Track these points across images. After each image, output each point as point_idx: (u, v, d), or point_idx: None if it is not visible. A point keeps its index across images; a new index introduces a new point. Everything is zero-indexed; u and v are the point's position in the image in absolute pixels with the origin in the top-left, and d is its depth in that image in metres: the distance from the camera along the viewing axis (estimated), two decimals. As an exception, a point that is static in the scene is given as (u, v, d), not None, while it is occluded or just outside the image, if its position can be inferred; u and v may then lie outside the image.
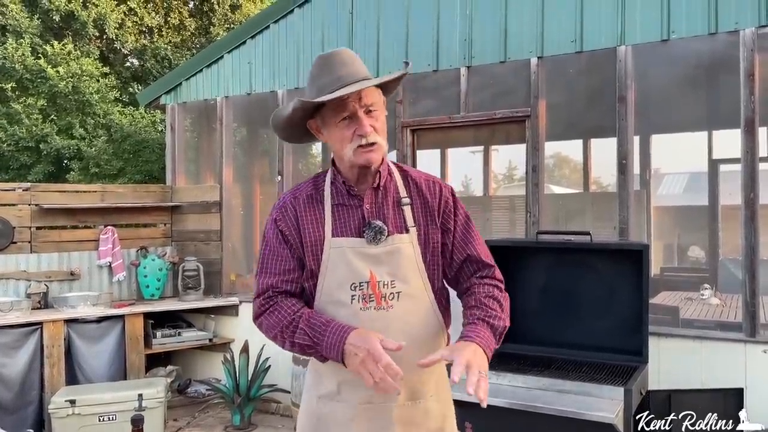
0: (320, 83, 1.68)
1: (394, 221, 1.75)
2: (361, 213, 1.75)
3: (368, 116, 1.68)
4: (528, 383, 3.06)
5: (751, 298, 3.73)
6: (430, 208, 1.79)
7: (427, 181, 1.83)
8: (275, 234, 1.79)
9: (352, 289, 1.70)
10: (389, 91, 1.83)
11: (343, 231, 1.74)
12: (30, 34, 8.86)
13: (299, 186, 1.86)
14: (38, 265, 5.33)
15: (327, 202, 1.77)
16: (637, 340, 3.31)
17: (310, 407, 1.84)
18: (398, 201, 1.78)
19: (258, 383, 5.04)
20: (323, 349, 1.65)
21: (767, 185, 7.05)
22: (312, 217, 1.76)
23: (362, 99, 1.67)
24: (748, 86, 3.78)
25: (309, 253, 1.74)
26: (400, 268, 1.73)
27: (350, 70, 1.68)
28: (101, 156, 8.29)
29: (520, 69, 4.55)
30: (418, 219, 1.78)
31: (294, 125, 1.77)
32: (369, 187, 1.76)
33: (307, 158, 8.83)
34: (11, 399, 4.62)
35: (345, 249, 1.72)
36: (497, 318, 1.74)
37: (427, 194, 1.80)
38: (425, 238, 1.77)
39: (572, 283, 3.60)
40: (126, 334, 5.10)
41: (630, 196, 4.17)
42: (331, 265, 1.72)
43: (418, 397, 1.76)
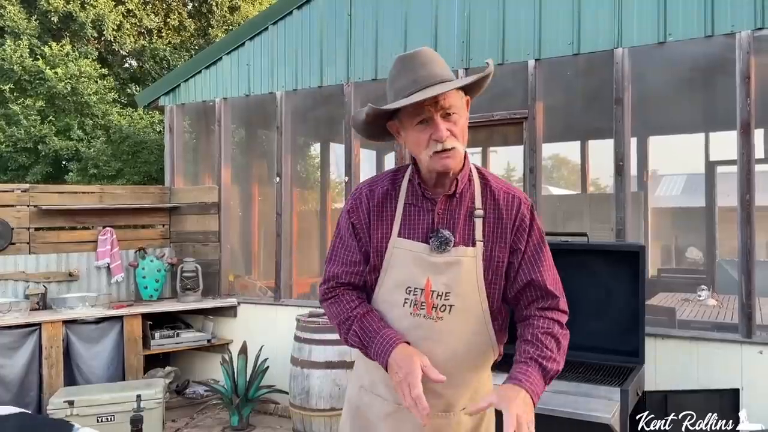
0: (397, 86, 1.64)
1: (463, 232, 1.70)
2: (432, 218, 1.71)
3: (445, 120, 1.62)
4: (525, 384, 3.07)
5: (747, 299, 3.75)
6: (504, 224, 1.71)
7: (506, 194, 1.74)
8: (347, 225, 1.78)
9: (407, 292, 1.69)
10: (475, 91, 1.76)
11: (410, 233, 1.71)
12: (28, 36, 8.87)
13: (377, 179, 1.82)
14: (37, 266, 5.34)
15: (401, 200, 1.74)
16: (634, 340, 3.34)
17: (353, 394, 1.87)
18: (471, 212, 1.71)
19: (256, 384, 5.05)
20: (371, 354, 1.66)
21: (764, 187, 7.09)
22: (383, 214, 1.74)
23: (439, 102, 1.60)
24: (744, 89, 3.80)
25: (374, 249, 1.73)
26: (457, 281, 1.68)
27: (428, 72, 1.62)
28: (100, 157, 8.29)
29: (518, 71, 4.57)
30: (488, 234, 1.71)
31: (374, 126, 1.75)
32: (444, 192, 1.71)
33: (306, 159, 8.85)
34: (10, 400, 4.61)
35: (407, 252, 1.70)
36: (551, 360, 1.65)
37: (503, 209, 1.72)
38: (490, 255, 1.70)
39: (569, 284, 3.58)
40: (124, 335, 5.11)
41: (627, 197, 4.19)
42: (392, 264, 1.71)
43: (451, 409, 1.75)
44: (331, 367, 4.52)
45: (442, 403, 1.73)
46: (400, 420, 1.73)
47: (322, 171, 8.07)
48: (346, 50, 5.29)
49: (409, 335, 1.69)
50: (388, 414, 1.75)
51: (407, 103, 1.58)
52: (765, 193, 7.78)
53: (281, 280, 5.59)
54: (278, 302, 5.56)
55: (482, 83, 1.72)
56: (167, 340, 5.43)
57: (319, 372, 4.53)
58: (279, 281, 5.60)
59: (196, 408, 5.47)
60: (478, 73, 1.67)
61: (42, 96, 8.70)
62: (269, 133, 6.57)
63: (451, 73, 1.67)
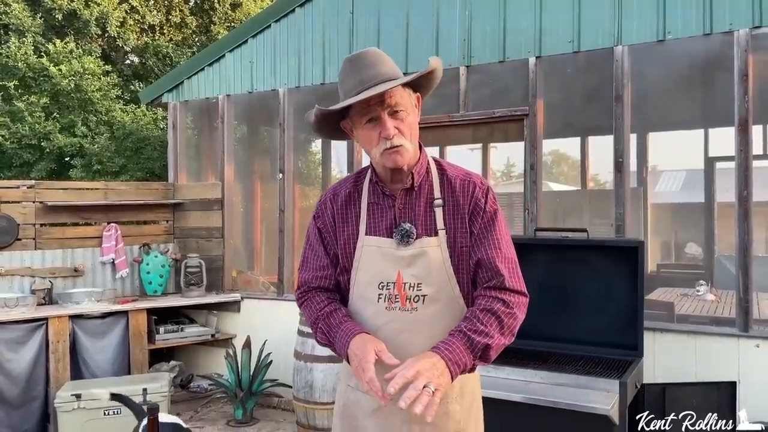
0: (346, 86, 1.70)
1: (424, 223, 1.74)
2: (393, 213, 1.76)
3: (393, 118, 1.67)
4: (526, 376, 3.13)
5: (744, 293, 3.81)
6: (461, 209, 1.75)
7: (462, 181, 1.78)
8: (315, 231, 1.85)
9: (379, 288, 1.74)
10: (424, 89, 1.79)
11: (376, 230, 1.76)
12: (32, 33, 8.93)
13: (340, 183, 1.89)
14: (42, 261, 5.40)
15: (364, 200, 1.80)
16: (633, 335, 3.40)
17: (342, 393, 1.92)
18: (431, 202, 1.75)
19: (260, 378, 5.12)
20: (336, 349, 1.72)
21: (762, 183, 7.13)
22: (348, 216, 1.80)
23: (386, 101, 1.65)
24: (742, 86, 3.85)
25: (342, 251, 1.79)
26: (427, 271, 1.71)
27: (374, 71, 1.66)
28: (103, 153, 8.35)
29: (519, 68, 4.61)
30: (448, 221, 1.74)
31: (328, 127, 1.80)
32: (402, 187, 1.76)
33: (307, 156, 8.90)
34: (17, 394, 4.68)
35: (375, 248, 1.75)
36: (481, 333, 1.60)
37: (459, 195, 1.75)
38: (454, 241, 1.73)
39: (569, 279, 3.68)
40: (130, 329, 5.17)
41: (626, 193, 4.25)
42: (363, 262, 1.76)
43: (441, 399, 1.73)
44: (333, 361, 4.58)
45: None
46: (387, 416, 1.76)
47: (323, 167, 8.12)
48: (348, 47, 5.33)
49: (388, 329, 1.72)
50: (375, 410, 1.79)
51: (351, 102, 1.63)
52: (764, 188, 7.85)
53: (284, 275, 5.64)
54: (281, 297, 5.62)
55: (430, 81, 1.76)
56: (172, 334, 5.49)
57: (323, 366, 4.59)
58: (282, 276, 5.65)
59: (201, 402, 5.54)
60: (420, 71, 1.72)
61: (46, 93, 8.75)
62: (272, 129, 6.62)
63: (398, 72, 1.71)
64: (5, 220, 5.24)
